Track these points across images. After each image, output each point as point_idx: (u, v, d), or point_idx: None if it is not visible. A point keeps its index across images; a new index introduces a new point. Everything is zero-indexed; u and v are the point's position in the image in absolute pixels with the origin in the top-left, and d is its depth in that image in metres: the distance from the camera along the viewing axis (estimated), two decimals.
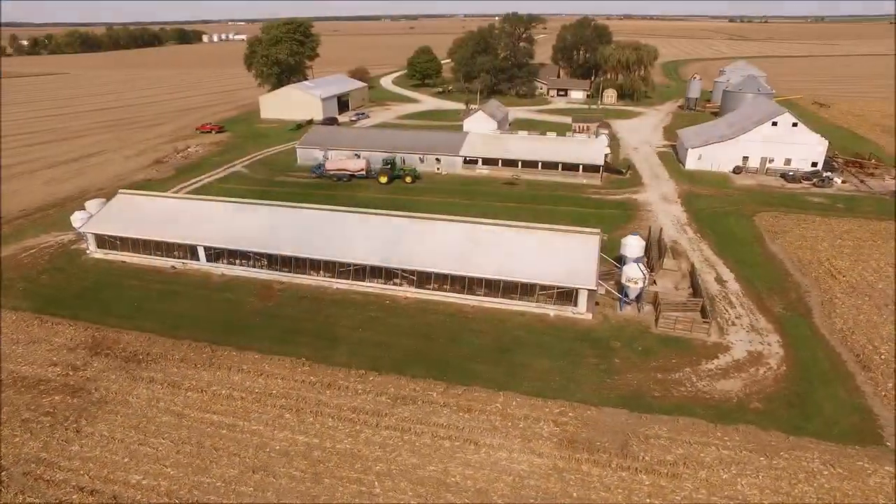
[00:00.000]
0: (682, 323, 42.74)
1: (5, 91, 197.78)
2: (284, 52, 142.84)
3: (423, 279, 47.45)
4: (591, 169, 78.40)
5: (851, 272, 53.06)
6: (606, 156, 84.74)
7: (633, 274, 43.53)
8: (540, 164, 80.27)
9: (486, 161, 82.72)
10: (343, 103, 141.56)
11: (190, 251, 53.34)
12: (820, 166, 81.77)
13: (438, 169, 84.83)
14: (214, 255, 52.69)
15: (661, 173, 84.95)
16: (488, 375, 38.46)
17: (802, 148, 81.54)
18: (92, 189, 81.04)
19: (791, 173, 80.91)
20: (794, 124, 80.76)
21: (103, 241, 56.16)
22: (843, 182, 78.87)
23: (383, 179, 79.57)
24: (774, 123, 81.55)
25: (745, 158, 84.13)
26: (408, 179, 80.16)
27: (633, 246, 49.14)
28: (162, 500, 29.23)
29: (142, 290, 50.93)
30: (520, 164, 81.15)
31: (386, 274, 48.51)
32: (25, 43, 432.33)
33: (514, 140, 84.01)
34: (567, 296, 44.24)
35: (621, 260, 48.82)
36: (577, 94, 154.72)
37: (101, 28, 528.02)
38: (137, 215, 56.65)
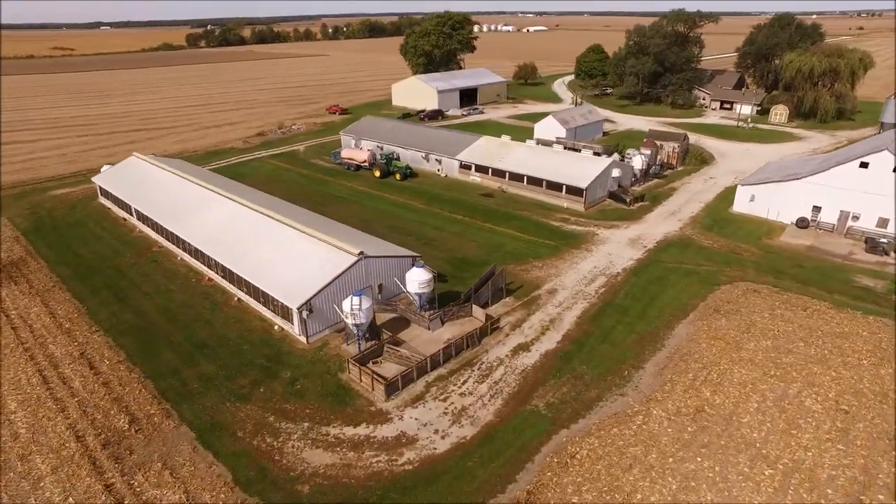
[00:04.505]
0: (367, 376, 36.49)
1: (257, 68, 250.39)
2: (430, 45, 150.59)
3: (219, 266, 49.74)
4: (574, 191, 66.47)
5: (732, 391, 36.27)
6: (620, 180, 70.24)
7: (345, 307, 38.50)
8: (525, 179, 71.23)
9: (478, 168, 76.82)
10: (469, 97, 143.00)
11: (129, 210, 65.09)
12: None
13: (439, 170, 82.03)
14: (138, 215, 63.24)
15: (687, 211, 66.76)
16: (163, 364, 39.55)
17: None
18: (190, 150, 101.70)
19: (884, 239, 55.43)
20: None
21: (103, 192, 72.10)
22: None
23: (377, 174, 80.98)
24: (864, 165, 56.48)
25: (817, 209, 60.39)
26: (397, 176, 79.97)
27: (411, 280, 42.87)
28: None
29: (88, 231, 64.63)
30: (507, 175, 73.28)
31: (200, 254, 51.95)
32: (331, 30, 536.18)
33: (515, 150, 75.62)
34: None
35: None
36: (748, 109, 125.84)
37: (393, 17, 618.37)
38: (129, 175, 70.80)
